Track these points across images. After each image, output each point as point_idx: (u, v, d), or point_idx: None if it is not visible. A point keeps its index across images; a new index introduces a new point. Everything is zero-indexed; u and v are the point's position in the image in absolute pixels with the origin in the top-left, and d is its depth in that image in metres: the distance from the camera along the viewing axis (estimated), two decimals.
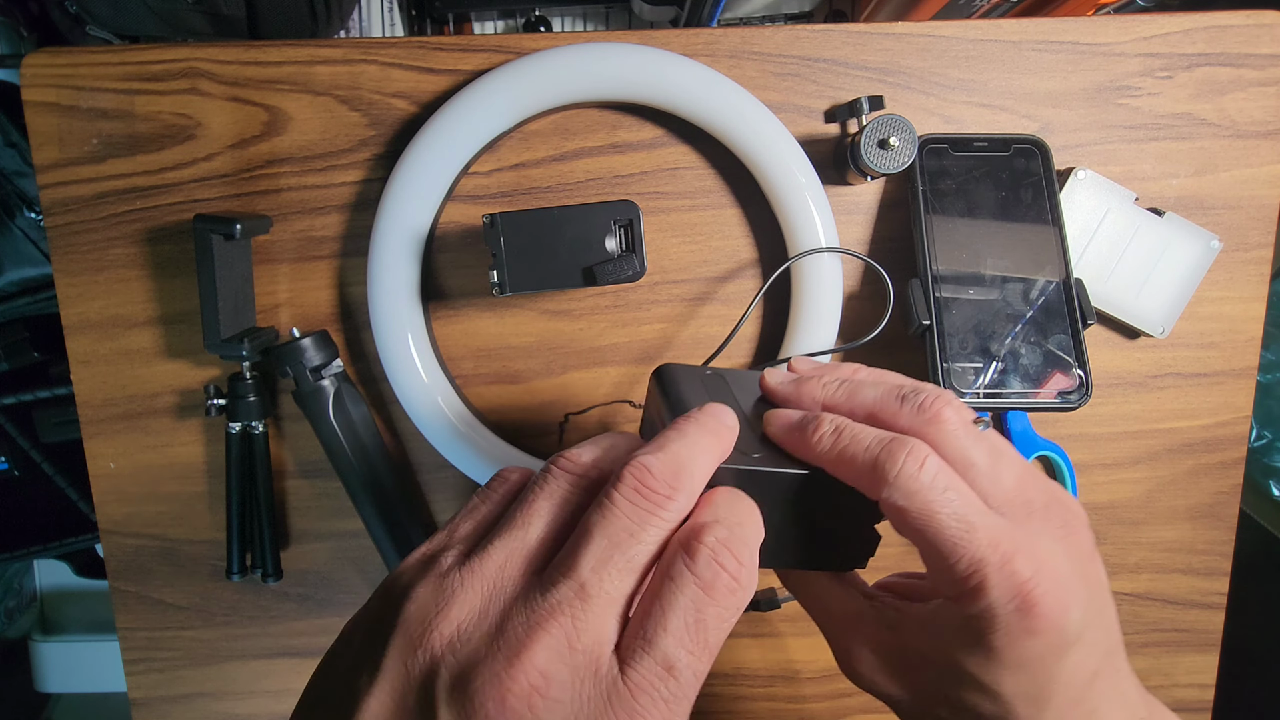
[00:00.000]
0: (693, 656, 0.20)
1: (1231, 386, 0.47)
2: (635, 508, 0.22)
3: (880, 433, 0.25)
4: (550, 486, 0.24)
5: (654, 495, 0.22)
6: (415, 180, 0.41)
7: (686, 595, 0.21)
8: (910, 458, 0.24)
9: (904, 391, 0.27)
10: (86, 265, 0.44)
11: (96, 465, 0.46)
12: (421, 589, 0.22)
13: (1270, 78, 0.44)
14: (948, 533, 0.23)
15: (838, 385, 0.28)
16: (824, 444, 0.26)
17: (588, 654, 0.20)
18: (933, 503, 0.24)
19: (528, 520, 0.23)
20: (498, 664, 0.19)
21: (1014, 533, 0.24)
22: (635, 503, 0.22)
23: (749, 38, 0.43)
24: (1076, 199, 0.44)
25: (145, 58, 0.43)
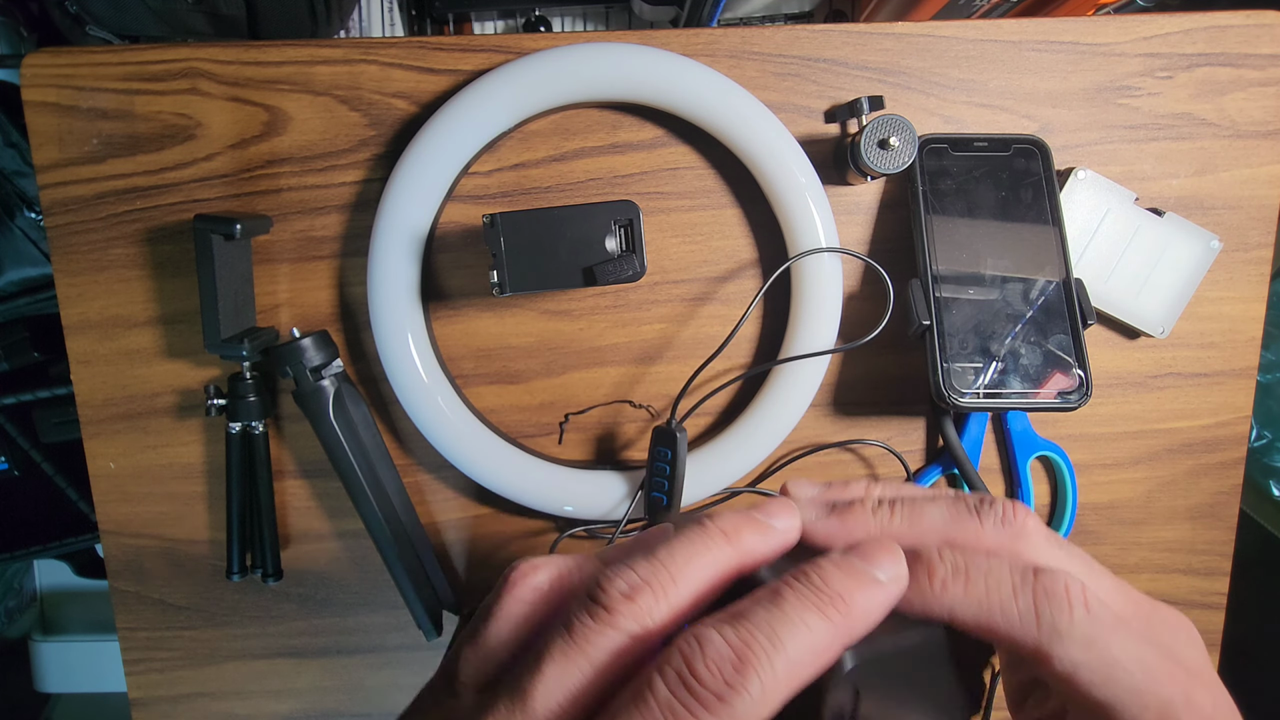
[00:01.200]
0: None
1: (1231, 386, 0.47)
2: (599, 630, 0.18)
3: (1007, 564, 0.20)
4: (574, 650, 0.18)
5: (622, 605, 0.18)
6: (415, 180, 0.41)
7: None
8: (1073, 595, 0.19)
9: (974, 504, 0.22)
10: (86, 265, 0.44)
11: (96, 465, 0.46)
12: None
13: (1270, 78, 0.44)
14: (1131, 680, 0.19)
15: (891, 509, 0.22)
16: (952, 591, 0.20)
17: None
18: (1111, 646, 0.19)
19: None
20: None
21: (1174, 668, 0.19)
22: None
23: (749, 38, 0.43)
24: (1076, 199, 0.44)
25: (145, 58, 0.43)
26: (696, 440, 0.46)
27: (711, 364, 0.46)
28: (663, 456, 0.42)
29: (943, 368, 0.41)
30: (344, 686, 0.50)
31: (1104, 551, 0.49)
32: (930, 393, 0.42)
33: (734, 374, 0.46)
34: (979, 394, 0.41)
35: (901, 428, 0.47)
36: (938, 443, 0.47)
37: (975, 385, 0.41)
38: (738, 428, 0.44)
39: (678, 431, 0.42)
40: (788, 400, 0.43)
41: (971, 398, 0.41)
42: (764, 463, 0.46)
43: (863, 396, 0.46)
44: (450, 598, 0.47)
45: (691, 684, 0.16)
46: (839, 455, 0.47)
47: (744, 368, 0.46)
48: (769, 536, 0.21)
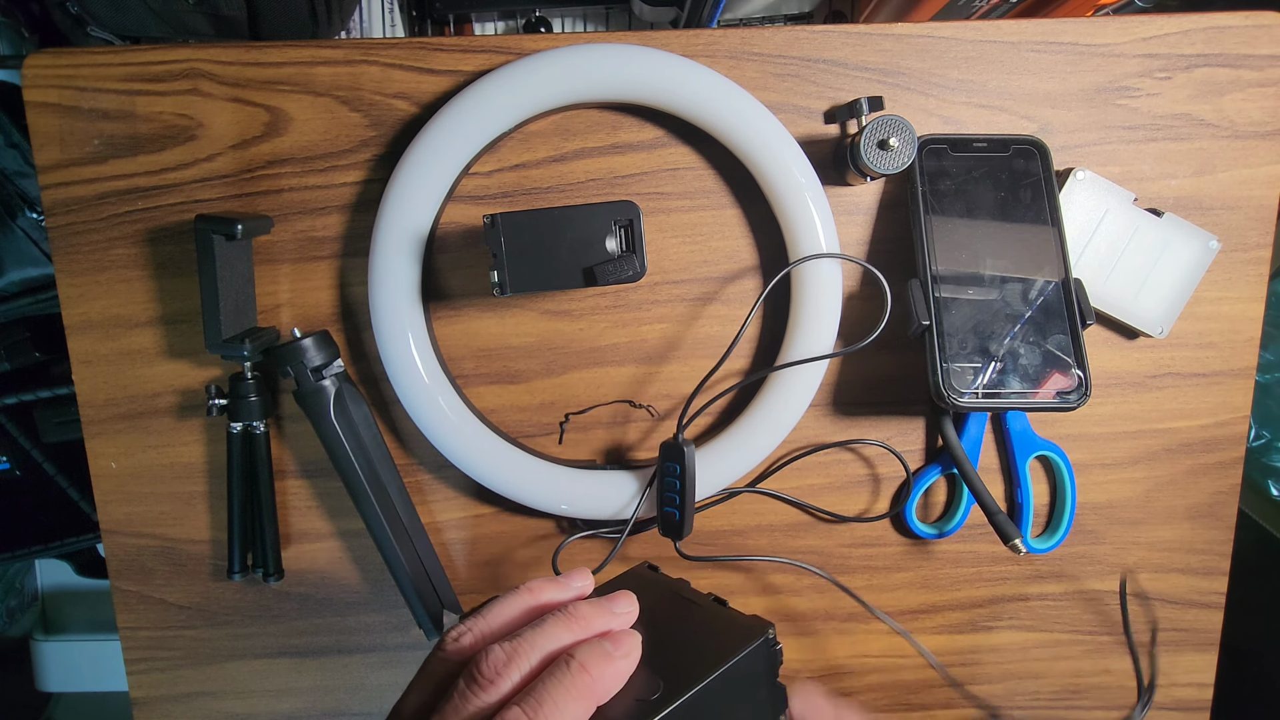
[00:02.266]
0: None
1: (1230, 386, 0.47)
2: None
3: None
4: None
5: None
6: (416, 181, 0.41)
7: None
8: None
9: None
10: (88, 265, 0.44)
11: (98, 465, 0.46)
12: None
13: (1269, 78, 0.44)
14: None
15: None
16: None
17: None
18: None
19: None
20: None
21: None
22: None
23: (749, 39, 0.43)
24: (1075, 199, 0.44)
25: (146, 58, 0.43)
26: (696, 440, 0.47)
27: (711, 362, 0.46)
28: (672, 472, 0.42)
29: (942, 368, 0.41)
30: (344, 686, 0.50)
31: (1103, 551, 0.49)
32: (930, 393, 0.42)
33: (734, 380, 0.46)
34: (978, 394, 0.41)
35: (901, 428, 0.47)
36: (937, 443, 0.47)
37: (974, 385, 0.41)
38: (738, 428, 0.44)
39: (685, 446, 0.42)
40: (788, 400, 0.43)
41: (971, 398, 0.41)
42: (764, 462, 0.47)
43: (862, 396, 0.47)
44: (450, 597, 0.47)
45: (477, 676, 0.26)
46: (839, 455, 0.47)
47: (743, 371, 0.46)
48: (565, 590, 0.31)
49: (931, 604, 0.49)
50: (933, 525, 0.48)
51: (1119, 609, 0.49)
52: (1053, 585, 0.49)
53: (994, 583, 0.49)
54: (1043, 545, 0.47)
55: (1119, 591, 0.48)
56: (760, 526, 0.48)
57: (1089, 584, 0.49)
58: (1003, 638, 0.50)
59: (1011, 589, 0.49)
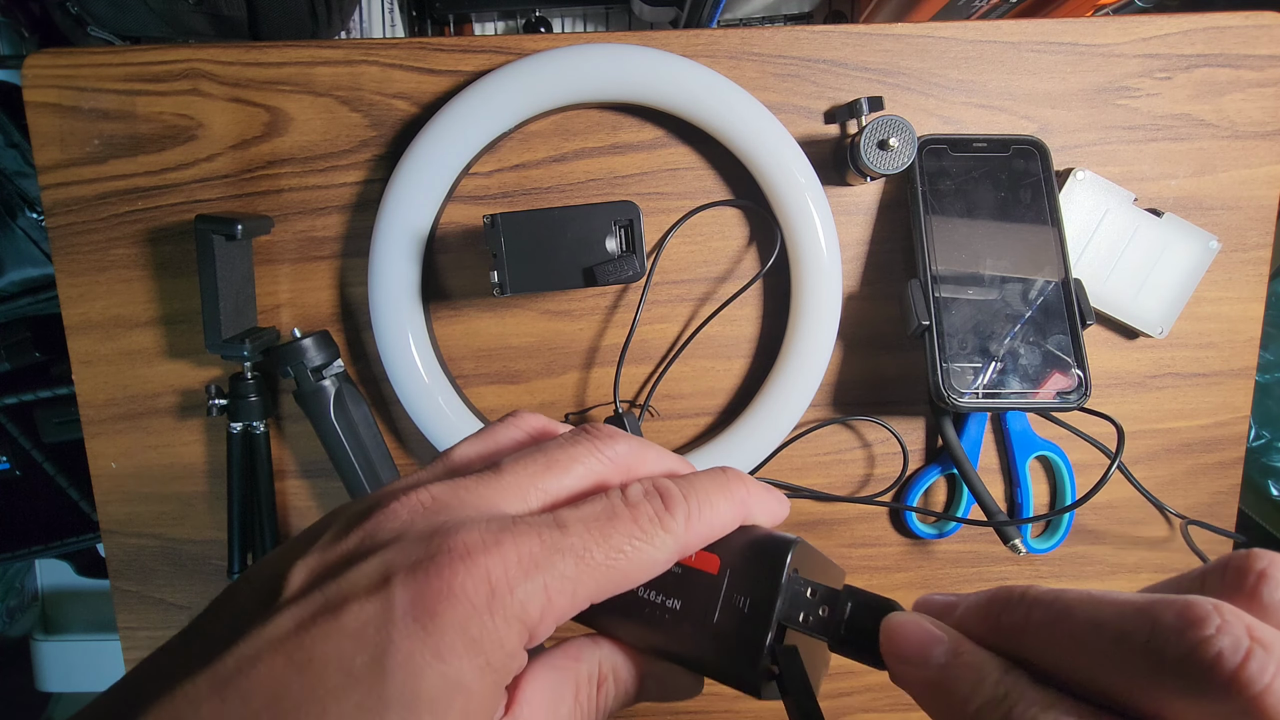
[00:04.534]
0: (587, 542, 0.18)
1: (1230, 386, 0.47)
2: (591, 454, 0.21)
3: None
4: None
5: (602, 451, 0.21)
6: (416, 181, 0.41)
7: (605, 502, 0.19)
8: None
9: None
10: (88, 265, 0.44)
11: (98, 465, 0.46)
12: None
13: (1269, 79, 0.44)
14: None
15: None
16: None
17: (483, 499, 0.19)
18: None
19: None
20: (400, 490, 0.19)
21: None
22: (590, 450, 0.21)
23: (749, 39, 0.43)
24: (1075, 199, 0.44)
25: (146, 59, 0.43)
26: (697, 439, 0.47)
27: (712, 362, 0.46)
28: None
29: (942, 368, 0.41)
30: None
31: (1104, 551, 0.49)
32: (930, 393, 0.42)
33: (735, 375, 0.46)
34: (978, 394, 0.41)
35: (901, 428, 0.47)
36: (937, 443, 0.47)
37: (974, 385, 0.41)
38: (738, 427, 0.44)
39: (625, 418, 0.43)
40: (787, 400, 0.43)
41: (971, 398, 0.41)
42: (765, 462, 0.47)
43: (862, 396, 0.47)
44: None
45: (651, 492, 0.19)
46: (839, 456, 0.47)
47: (745, 370, 0.46)
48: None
49: None
50: (933, 525, 0.48)
51: None
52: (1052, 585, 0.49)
53: (994, 583, 0.49)
54: (1043, 545, 0.47)
55: None
56: None
57: (1089, 584, 0.49)
58: None
59: None
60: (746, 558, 0.19)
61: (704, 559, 0.20)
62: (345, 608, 0.16)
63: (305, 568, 0.18)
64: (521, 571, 0.17)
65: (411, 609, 0.16)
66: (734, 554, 0.20)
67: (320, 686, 0.15)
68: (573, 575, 0.18)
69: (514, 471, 0.20)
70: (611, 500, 0.19)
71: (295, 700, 0.15)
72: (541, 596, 0.17)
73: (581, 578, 0.18)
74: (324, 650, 0.16)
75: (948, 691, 0.16)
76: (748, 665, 0.18)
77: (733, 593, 0.19)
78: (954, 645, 0.17)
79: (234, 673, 0.16)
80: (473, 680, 0.16)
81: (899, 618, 0.18)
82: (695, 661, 0.19)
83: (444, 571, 0.16)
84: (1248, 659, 0.13)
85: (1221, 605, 0.14)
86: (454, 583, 0.16)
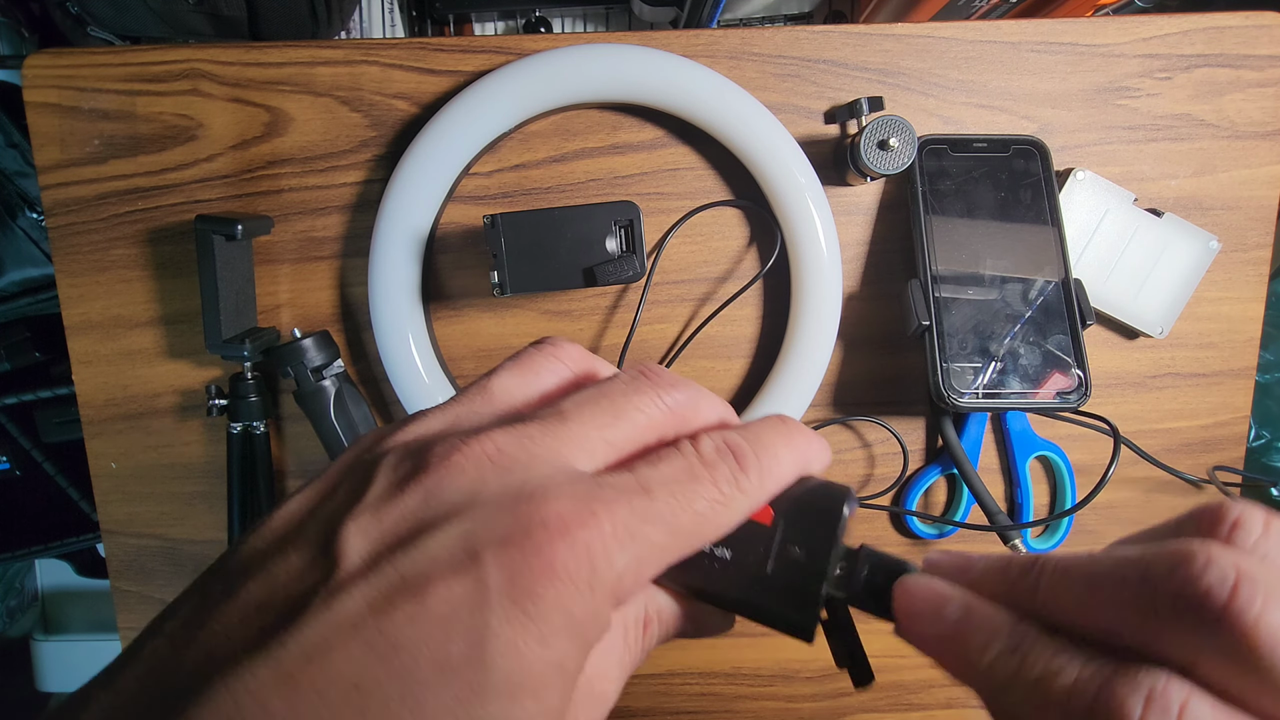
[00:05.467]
0: (671, 504, 0.17)
1: (1230, 386, 0.47)
2: (662, 411, 0.19)
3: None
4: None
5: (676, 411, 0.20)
6: (416, 181, 0.41)
7: (682, 462, 0.18)
8: None
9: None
10: (88, 266, 0.44)
11: (98, 465, 0.46)
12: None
13: (1269, 79, 0.44)
14: None
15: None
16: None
17: (552, 452, 0.17)
18: None
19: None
20: (456, 438, 0.17)
21: None
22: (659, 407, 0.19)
23: (749, 39, 0.43)
24: (1076, 199, 0.44)
25: (146, 59, 0.43)
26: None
27: (712, 362, 0.46)
28: None
29: (942, 368, 0.41)
30: None
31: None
32: (930, 393, 0.42)
33: (735, 375, 0.46)
34: (978, 394, 0.41)
35: (901, 428, 0.47)
36: (937, 443, 0.47)
37: (974, 385, 0.41)
38: None
39: None
40: (787, 400, 0.43)
41: (971, 398, 0.41)
42: None
43: (863, 396, 0.47)
44: None
45: (725, 451, 0.18)
46: (839, 455, 0.47)
47: (745, 370, 0.46)
48: None
49: None
50: (933, 525, 0.48)
51: None
52: None
53: None
54: (1043, 545, 0.47)
55: None
56: None
57: None
58: None
59: None
60: (801, 508, 0.19)
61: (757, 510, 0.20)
62: (430, 587, 0.14)
63: (361, 532, 0.16)
64: (618, 544, 0.16)
65: (509, 590, 0.15)
66: (787, 503, 0.20)
67: (411, 678, 0.14)
68: (662, 543, 0.17)
69: (580, 419, 0.18)
70: (689, 460, 0.18)
71: (383, 696, 0.14)
72: (635, 568, 0.16)
73: (669, 544, 0.17)
74: (410, 637, 0.14)
75: (963, 644, 0.17)
76: (804, 613, 0.19)
77: (787, 543, 0.19)
78: (966, 602, 0.17)
79: (302, 661, 0.14)
80: (573, 659, 0.15)
81: (914, 580, 0.19)
82: (746, 608, 0.19)
83: (542, 547, 0.15)
84: (1236, 591, 0.13)
85: (1208, 542, 0.15)
86: (554, 560, 0.15)
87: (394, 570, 0.15)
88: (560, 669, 0.15)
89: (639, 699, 0.50)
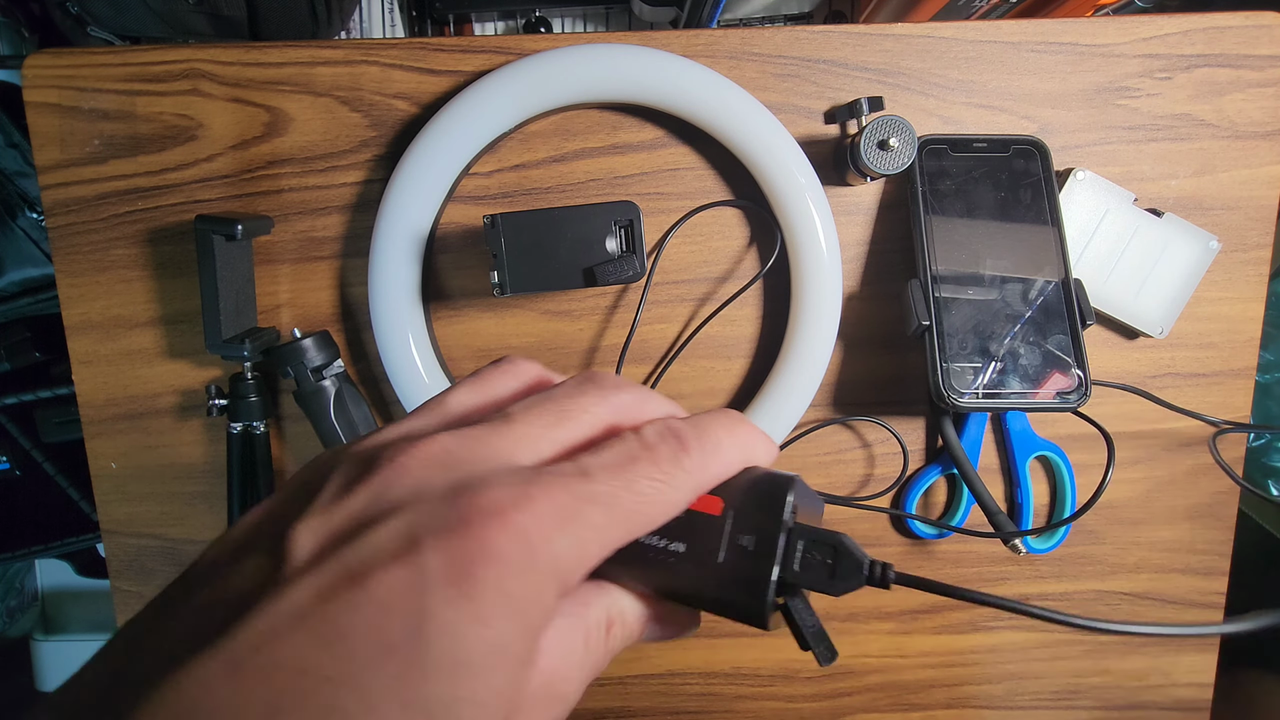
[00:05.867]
0: (611, 485, 0.18)
1: (1230, 386, 0.47)
2: (581, 400, 0.20)
3: None
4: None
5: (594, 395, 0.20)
6: (416, 181, 0.41)
7: (623, 445, 0.19)
8: None
9: None
10: (88, 266, 0.44)
11: (98, 465, 0.46)
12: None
13: (1269, 79, 0.44)
14: None
15: None
16: None
17: (496, 450, 0.18)
18: None
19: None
20: (404, 442, 0.18)
21: None
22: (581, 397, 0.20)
23: (749, 39, 0.43)
24: (1076, 199, 0.44)
25: (146, 59, 0.43)
26: None
27: (712, 362, 0.46)
28: None
29: (942, 368, 0.41)
30: None
31: (1104, 551, 0.49)
32: (930, 393, 0.42)
33: (735, 375, 0.46)
34: (978, 394, 0.41)
35: (901, 428, 0.47)
36: (937, 443, 0.47)
37: (974, 385, 0.41)
38: None
39: None
40: (787, 400, 0.43)
41: (971, 398, 0.41)
42: None
43: (862, 396, 0.47)
44: None
45: (666, 433, 0.19)
46: (839, 455, 0.47)
47: (745, 370, 0.46)
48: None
49: (932, 604, 0.49)
50: (933, 525, 0.48)
51: (1119, 609, 0.49)
52: (1053, 585, 0.49)
53: (994, 583, 0.49)
54: (1043, 545, 0.47)
55: None
56: None
57: (1089, 584, 0.49)
58: (1003, 638, 0.50)
59: (1012, 589, 0.49)
60: (748, 497, 0.20)
61: (705, 501, 0.20)
62: (371, 575, 0.15)
63: (310, 531, 0.16)
64: (555, 525, 0.16)
65: (447, 573, 0.15)
66: (735, 494, 0.20)
67: (352, 661, 0.14)
68: (602, 524, 0.17)
69: (526, 421, 0.19)
70: (628, 444, 0.19)
71: (324, 676, 0.14)
72: (576, 549, 0.17)
73: (610, 525, 0.17)
74: (352, 622, 0.15)
75: None
76: (756, 601, 0.19)
77: (737, 532, 0.19)
78: None
79: (250, 650, 0.14)
80: (514, 641, 0.15)
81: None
82: (702, 600, 0.20)
83: (477, 532, 0.16)
84: None
85: None
86: (489, 543, 0.16)
87: (338, 563, 0.15)
88: (501, 650, 0.15)
89: (639, 699, 0.50)
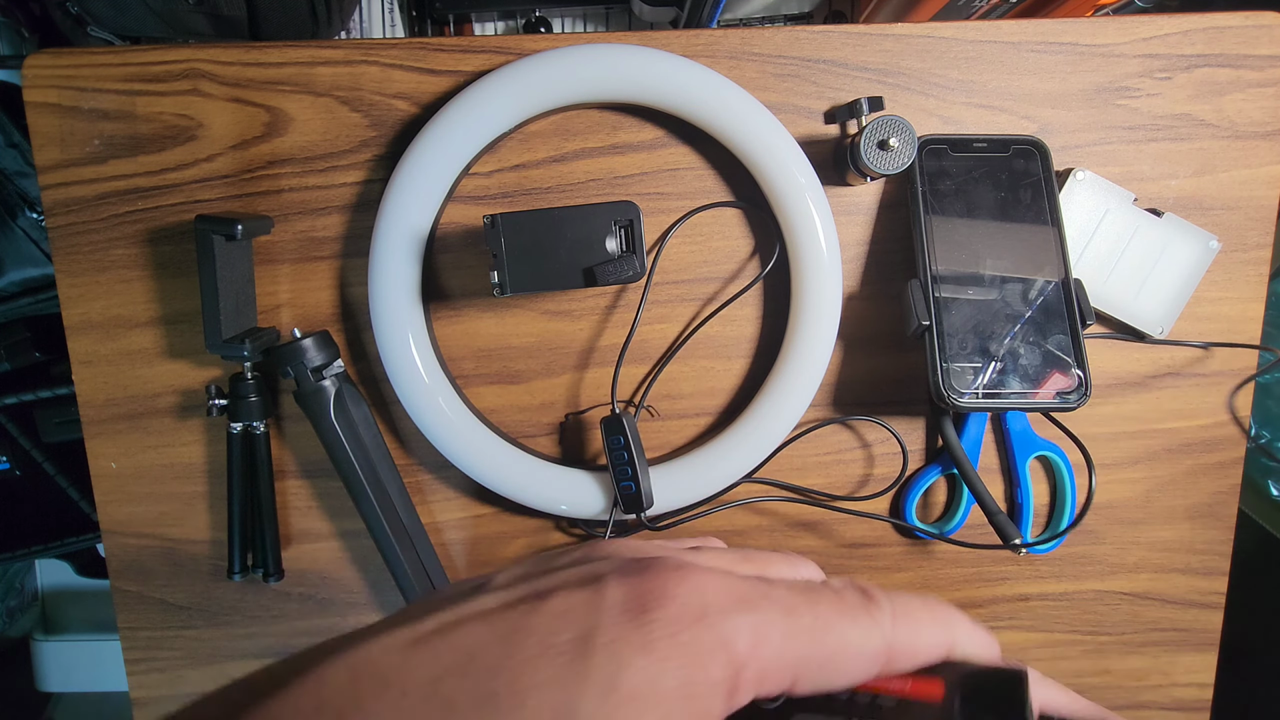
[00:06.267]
0: (794, 601, 0.18)
1: (1230, 387, 0.47)
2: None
3: None
4: None
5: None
6: (416, 181, 0.41)
7: (808, 584, 0.19)
8: None
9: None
10: (88, 266, 0.44)
11: (98, 465, 0.46)
12: None
13: (1269, 79, 0.44)
14: None
15: None
16: None
17: (685, 555, 0.20)
18: None
19: None
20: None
21: None
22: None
23: (749, 39, 0.43)
24: (1075, 199, 0.44)
25: (146, 59, 0.43)
26: (697, 439, 0.47)
27: (712, 362, 0.46)
28: (617, 445, 0.42)
29: (942, 368, 0.41)
30: None
31: (1103, 551, 0.49)
32: (930, 393, 0.42)
33: (735, 375, 0.46)
34: (978, 394, 0.41)
35: (901, 428, 0.47)
36: (937, 443, 0.47)
37: (974, 385, 0.41)
38: (738, 427, 0.44)
39: (623, 417, 0.42)
40: (787, 400, 0.43)
41: (971, 398, 0.41)
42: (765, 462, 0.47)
43: (862, 396, 0.47)
44: None
45: (853, 584, 0.19)
46: (839, 456, 0.47)
47: (745, 370, 0.46)
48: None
49: None
50: (933, 525, 0.48)
51: (1119, 609, 0.49)
52: (1053, 585, 0.49)
53: (994, 583, 0.49)
54: (1042, 547, 0.47)
55: None
56: (760, 527, 0.48)
57: (1089, 584, 0.49)
58: (1002, 638, 0.50)
59: (1011, 589, 0.49)
60: (976, 685, 0.18)
61: (921, 687, 0.18)
62: (555, 594, 0.17)
63: (510, 572, 0.19)
64: (732, 602, 0.17)
65: (624, 603, 0.16)
66: (959, 679, 0.18)
67: (518, 654, 0.15)
68: (781, 626, 0.17)
69: (718, 558, 0.21)
70: (814, 583, 0.19)
71: (489, 664, 0.15)
72: (749, 633, 0.16)
73: (789, 633, 0.17)
74: (528, 623, 0.16)
75: None
76: None
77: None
78: None
79: (431, 633, 0.16)
80: (672, 689, 0.15)
81: None
82: None
83: (659, 575, 0.17)
84: None
85: None
86: (668, 586, 0.17)
87: (528, 586, 0.18)
88: (657, 691, 0.15)
89: None
